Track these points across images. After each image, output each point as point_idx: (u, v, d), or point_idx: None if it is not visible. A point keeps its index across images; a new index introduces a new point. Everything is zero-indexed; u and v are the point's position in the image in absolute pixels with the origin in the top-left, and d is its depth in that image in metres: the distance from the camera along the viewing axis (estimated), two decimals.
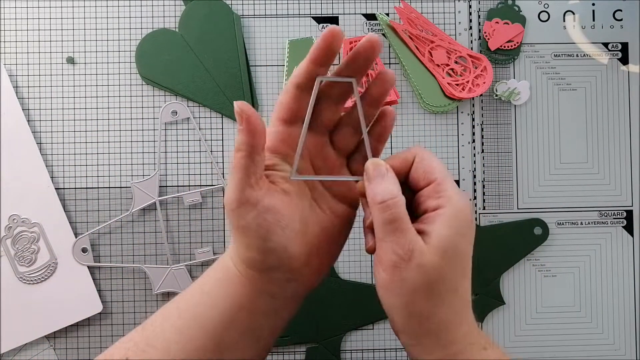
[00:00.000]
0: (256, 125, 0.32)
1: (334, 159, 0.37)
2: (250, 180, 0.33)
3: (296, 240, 0.34)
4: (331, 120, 0.37)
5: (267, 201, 0.33)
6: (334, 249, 0.37)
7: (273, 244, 0.33)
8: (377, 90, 0.36)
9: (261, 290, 0.35)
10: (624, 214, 0.60)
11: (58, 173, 0.57)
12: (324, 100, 0.36)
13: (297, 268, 0.34)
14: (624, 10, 0.60)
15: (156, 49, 0.58)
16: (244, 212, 0.33)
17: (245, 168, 0.32)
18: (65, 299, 0.56)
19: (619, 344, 0.59)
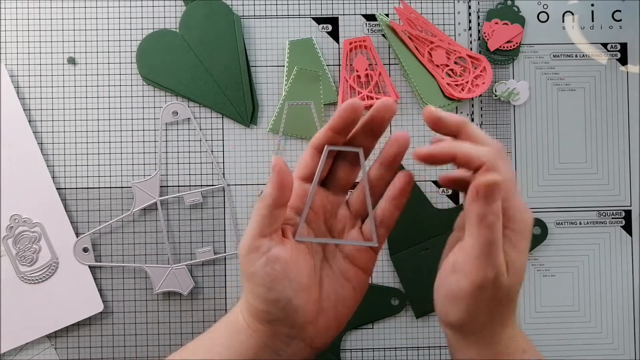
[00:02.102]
0: (285, 181, 0.33)
1: (348, 220, 0.37)
2: (265, 231, 0.34)
3: (302, 295, 0.34)
4: (347, 181, 0.37)
5: (277, 252, 0.34)
6: (343, 312, 0.37)
7: (277, 294, 0.33)
8: (390, 151, 0.36)
9: (266, 344, 0.35)
10: (622, 213, 0.60)
11: (59, 173, 0.58)
12: (340, 162, 0.37)
13: (302, 324, 0.35)
14: (623, 11, 0.61)
15: (157, 49, 0.58)
16: (253, 259, 0.34)
17: (263, 218, 0.33)
18: (66, 298, 0.56)
19: (617, 343, 0.60)
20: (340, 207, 0.38)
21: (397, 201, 0.36)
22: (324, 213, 0.37)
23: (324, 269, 0.37)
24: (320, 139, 0.35)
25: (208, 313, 0.58)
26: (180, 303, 0.58)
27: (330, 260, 0.37)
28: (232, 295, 0.58)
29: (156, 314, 0.58)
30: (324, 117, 0.59)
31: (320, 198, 0.37)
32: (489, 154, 0.33)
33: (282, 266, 0.33)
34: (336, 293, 0.36)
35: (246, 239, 0.34)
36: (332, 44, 0.59)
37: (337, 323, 0.36)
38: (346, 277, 0.37)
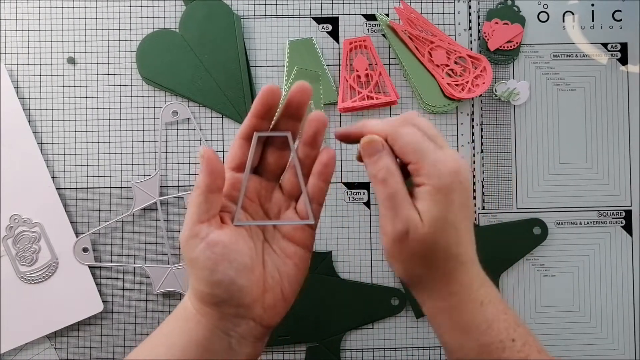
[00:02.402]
0: (215, 168, 0.35)
1: (282, 202, 0.39)
2: (201, 217, 0.35)
3: (244, 275, 0.35)
4: (278, 166, 0.39)
5: (215, 236, 0.35)
6: (289, 289, 0.38)
7: (220, 275, 0.35)
8: (310, 131, 0.37)
9: (215, 326, 0.36)
10: (622, 213, 0.60)
11: (59, 173, 0.58)
12: (269, 148, 0.39)
13: (248, 304, 0.36)
14: (623, 11, 0.61)
15: (157, 49, 0.58)
16: (193, 245, 0.35)
17: (198, 205, 0.35)
18: (66, 298, 0.56)
19: (617, 343, 0.60)
20: (274, 191, 0.40)
21: (324, 176, 0.38)
22: (259, 198, 0.39)
23: (265, 249, 0.38)
24: (246, 127, 0.37)
25: None
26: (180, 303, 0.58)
27: (271, 241, 0.39)
28: None
29: (156, 314, 0.58)
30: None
31: (254, 184, 0.39)
32: (388, 124, 0.36)
33: (222, 249, 0.35)
34: (279, 271, 0.38)
35: (185, 227, 0.35)
36: (332, 43, 0.59)
37: (284, 300, 0.38)
38: (287, 254, 0.38)
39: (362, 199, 0.59)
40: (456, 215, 0.35)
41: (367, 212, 0.59)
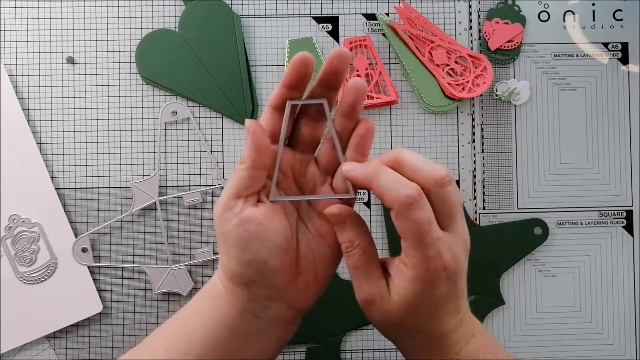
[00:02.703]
0: (261, 142, 0.33)
1: (317, 177, 0.37)
2: (241, 192, 0.34)
3: (277, 255, 0.34)
4: (312, 138, 0.37)
5: (250, 212, 0.33)
6: (322, 272, 0.36)
7: (251, 255, 0.33)
8: (348, 100, 0.35)
9: (245, 308, 0.35)
10: (623, 213, 0.60)
11: (58, 173, 0.57)
12: (303, 119, 0.36)
13: (280, 286, 0.34)
14: (624, 10, 0.60)
15: (156, 49, 0.58)
16: (226, 219, 0.33)
17: (241, 179, 0.33)
18: (65, 299, 0.56)
19: (618, 343, 0.59)
20: (309, 165, 0.37)
21: (362, 148, 0.36)
22: (293, 173, 0.37)
23: (299, 228, 0.36)
24: (276, 97, 0.35)
25: None
26: (179, 304, 0.58)
27: (305, 219, 0.37)
28: None
29: (155, 314, 0.57)
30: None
31: (287, 158, 0.37)
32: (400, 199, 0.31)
33: (255, 227, 0.33)
34: (313, 252, 0.36)
35: (221, 199, 0.34)
36: (332, 43, 0.59)
37: (317, 283, 0.36)
38: (321, 234, 0.36)
39: (362, 199, 0.59)
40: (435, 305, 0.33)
41: (368, 212, 0.59)
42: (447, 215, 0.33)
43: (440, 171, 0.32)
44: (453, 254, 0.33)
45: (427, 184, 0.32)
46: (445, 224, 0.33)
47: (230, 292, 0.35)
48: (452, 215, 0.33)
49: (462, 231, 0.34)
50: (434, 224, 0.32)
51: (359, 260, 0.34)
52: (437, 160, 0.59)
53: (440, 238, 0.32)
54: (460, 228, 0.34)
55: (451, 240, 0.33)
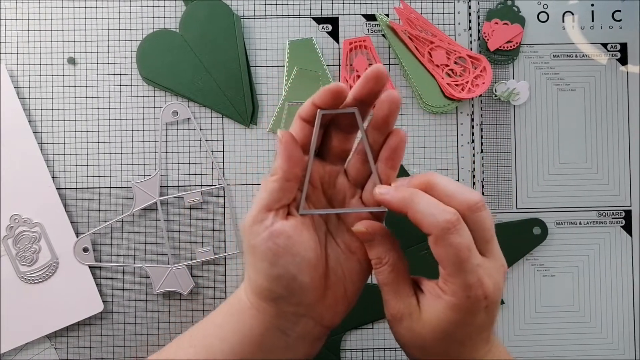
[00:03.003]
0: (293, 153, 0.32)
1: (347, 189, 0.36)
2: (272, 205, 0.33)
3: (307, 271, 0.33)
4: (342, 150, 0.36)
5: (280, 226, 0.32)
6: (352, 287, 0.36)
7: (280, 270, 0.32)
8: (382, 113, 0.34)
9: (271, 324, 0.34)
10: (622, 213, 0.60)
11: (59, 173, 0.58)
12: (333, 130, 0.35)
13: (309, 302, 0.33)
14: (623, 11, 0.61)
15: (157, 49, 0.58)
16: (256, 232, 0.32)
17: (272, 192, 0.33)
18: (66, 298, 0.56)
19: (617, 343, 0.60)
20: (338, 176, 0.36)
21: (392, 161, 0.35)
22: (322, 184, 0.36)
23: (328, 242, 0.35)
24: (306, 110, 0.34)
25: (208, 313, 0.58)
26: (180, 303, 0.58)
27: (334, 234, 0.36)
28: None
29: (156, 314, 0.58)
30: None
31: (317, 169, 0.35)
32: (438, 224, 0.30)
33: (285, 241, 0.32)
34: (342, 267, 0.35)
35: (252, 211, 0.33)
36: (332, 44, 0.59)
37: (346, 299, 0.35)
38: (351, 249, 0.35)
39: None
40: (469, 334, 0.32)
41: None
42: (483, 240, 0.32)
43: (474, 196, 0.31)
44: (494, 282, 0.31)
45: (461, 209, 0.31)
46: (482, 250, 0.32)
47: (256, 307, 0.34)
48: (488, 241, 0.32)
49: (499, 256, 0.33)
50: (474, 249, 0.31)
51: (387, 276, 0.33)
52: (437, 160, 0.59)
53: (481, 265, 0.31)
54: (497, 253, 0.33)
55: (491, 267, 0.32)
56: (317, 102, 0.33)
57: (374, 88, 0.33)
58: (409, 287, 0.34)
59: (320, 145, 0.36)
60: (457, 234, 0.30)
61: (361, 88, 0.33)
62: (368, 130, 0.35)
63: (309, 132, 0.34)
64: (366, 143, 0.34)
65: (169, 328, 0.58)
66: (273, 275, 0.32)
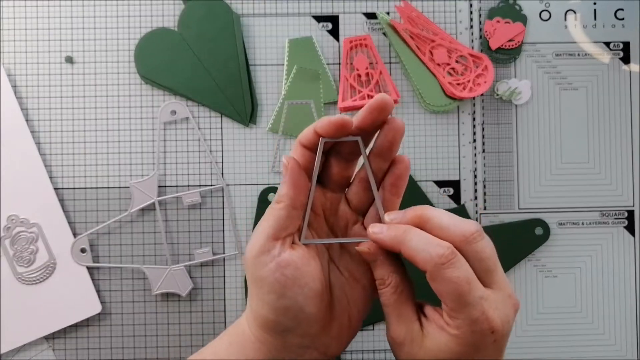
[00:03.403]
0: (299, 181, 0.32)
1: (349, 216, 0.36)
2: (279, 233, 0.32)
3: (314, 302, 0.32)
4: (344, 177, 0.35)
5: (288, 256, 0.32)
6: (356, 316, 0.35)
7: (288, 301, 0.31)
8: (385, 140, 0.33)
9: (276, 357, 0.33)
10: (625, 214, 0.59)
11: (57, 173, 0.57)
12: (334, 158, 0.35)
13: (314, 333, 0.33)
14: (626, 10, 0.60)
15: (155, 48, 0.58)
16: (263, 263, 0.31)
17: (279, 220, 0.32)
18: (64, 299, 0.56)
19: (619, 344, 0.59)
20: (339, 204, 0.36)
21: (397, 188, 0.34)
22: (324, 212, 0.36)
23: (331, 271, 0.35)
24: (307, 137, 0.33)
25: (207, 314, 0.57)
26: (178, 304, 0.57)
27: (337, 262, 0.35)
28: (231, 297, 0.58)
29: (154, 315, 0.57)
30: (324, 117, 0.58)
31: (318, 197, 0.35)
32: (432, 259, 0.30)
33: (293, 272, 0.31)
34: (347, 295, 0.35)
35: (257, 240, 0.32)
36: (332, 42, 0.59)
37: (350, 327, 0.35)
38: (355, 277, 0.35)
39: None
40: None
41: None
42: (485, 271, 0.31)
43: (469, 226, 0.31)
44: (501, 314, 0.30)
45: (457, 241, 0.30)
46: (486, 281, 0.31)
47: (260, 339, 0.33)
48: (490, 271, 0.31)
49: (505, 286, 0.32)
50: (475, 282, 0.30)
51: (390, 298, 0.33)
52: (438, 160, 0.59)
53: (484, 297, 0.30)
54: (503, 282, 0.32)
55: (497, 298, 0.31)
56: (320, 131, 0.33)
57: (378, 118, 0.32)
58: (413, 311, 0.33)
59: (320, 172, 0.35)
60: (454, 267, 0.29)
61: (364, 118, 0.32)
62: (370, 158, 0.34)
63: (310, 158, 0.34)
64: (370, 172, 0.34)
65: (167, 329, 0.57)
66: (280, 307, 0.32)
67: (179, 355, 0.57)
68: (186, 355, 0.57)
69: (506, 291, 0.31)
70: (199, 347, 0.57)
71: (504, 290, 0.31)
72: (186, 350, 0.57)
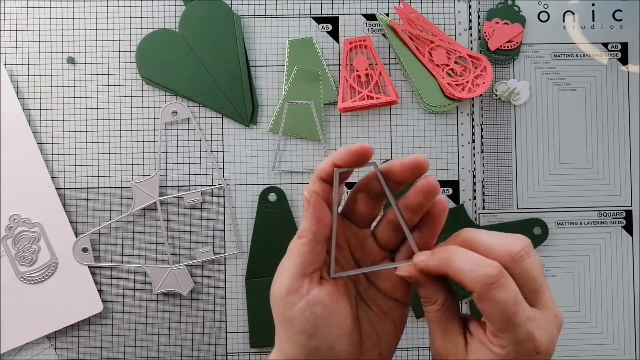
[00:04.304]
0: (322, 216, 0.31)
1: (376, 252, 0.35)
2: (306, 270, 0.31)
3: (344, 340, 0.31)
4: (369, 215, 0.35)
5: (317, 294, 0.31)
6: (387, 349, 0.34)
7: (319, 341, 0.31)
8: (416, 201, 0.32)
9: None
10: (623, 213, 0.60)
11: (59, 173, 0.57)
12: (361, 195, 0.34)
13: None
14: (624, 11, 0.60)
15: (156, 49, 0.58)
16: (292, 302, 0.31)
17: (304, 255, 0.31)
18: (66, 298, 0.56)
19: (618, 343, 0.60)
20: (365, 239, 0.35)
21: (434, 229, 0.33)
22: (349, 246, 0.35)
23: (360, 307, 0.34)
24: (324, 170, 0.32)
25: (208, 313, 0.58)
26: (179, 303, 0.58)
27: (365, 297, 0.34)
28: (231, 296, 0.58)
29: (156, 314, 0.58)
30: (324, 117, 0.59)
31: (342, 230, 0.34)
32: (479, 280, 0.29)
33: (323, 310, 0.31)
34: (376, 331, 0.34)
35: (285, 279, 0.31)
36: (332, 43, 0.59)
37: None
38: (384, 311, 0.34)
39: None
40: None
41: None
42: (532, 290, 0.30)
43: (515, 245, 0.29)
44: (546, 334, 0.30)
45: (504, 261, 0.29)
46: (532, 300, 0.30)
47: None
48: (537, 290, 0.30)
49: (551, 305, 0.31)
50: (522, 302, 0.29)
51: (435, 315, 0.32)
52: (437, 160, 0.59)
53: (531, 317, 0.29)
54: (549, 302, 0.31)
55: (543, 318, 0.30)
56: (339, 162, 0.32)
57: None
58: (458, 326, 0.32)
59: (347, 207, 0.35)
60: (502, 288, 0.29)
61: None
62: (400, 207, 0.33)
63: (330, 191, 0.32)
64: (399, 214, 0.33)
65: (168, 328, 0.57)
66: (311, 347, 0.31)
67: (180, 354, 0.57)
68: (187, 354, 0.57)
69: (552, 310, 0.31)
70: (200, 345, 0.57)
71: (550, 309, 0.31)
72: (187, 349, 0.58)
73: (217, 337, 0.58)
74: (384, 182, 0.32)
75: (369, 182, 0.33)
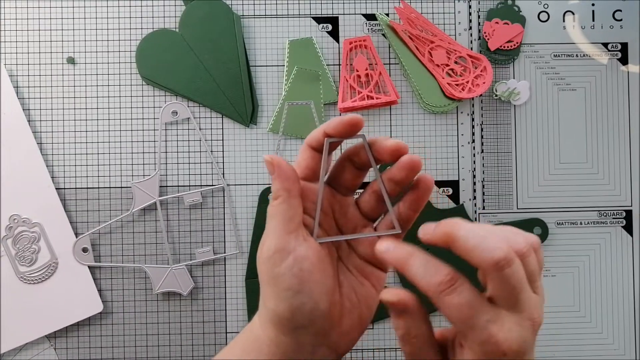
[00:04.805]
0: (288, 171, 0.32)
1: (358, 220, 0.36)
2: (288, 226, 0.32)
3: (327, 298, 0.32)
4: (353, 183, 0.36)
5: (304, 250, 0.32)
6: (367, 313, 0.35)
7: (304, 297, 0.31)
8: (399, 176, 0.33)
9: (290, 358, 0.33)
10: (623, 213, 0.60)
11: (59, 173, 0.58)
12: (347, 164, 0.35)
13: (326, 330, 0.33)
14: (624, 11, 0.60)
15: (156, 49, 0.58)
16: (279, 259, 0.32)
17: (283, 213, 0.32)
18: (66, 298, 0.56)
19: (618, 343, 0.60)
20: (349, 206, 0.36)
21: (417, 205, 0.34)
22: (333, 213, 0.36)
23: (340, 270, 0.35)
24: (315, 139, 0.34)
25: (208, 313, 0.58)
26: (179, 303, 0.58)
27: (345, 261, 0.36)
28: (231, 296, 0.58)
29: (156, 314, 0.58)
30: (324, 117, 0.59)
31: (327, 197, 0.35)
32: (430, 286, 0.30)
33: (310, 266, 0.32)
34: (356, 293, 0.35)
35: (270, 239, 0.32)
36: (332, 43, 0.59)
37: (360, 324, 0.35)
38: (364, 275, 0.35)
39: None
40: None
41: None
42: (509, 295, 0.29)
43: (498, 252, 0.28)
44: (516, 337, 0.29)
45: (484, 266, 0.29)
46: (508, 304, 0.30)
47: (275, 342, 0.33)
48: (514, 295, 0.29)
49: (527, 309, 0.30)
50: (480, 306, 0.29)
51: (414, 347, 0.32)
52: (437, 160, 0.59)
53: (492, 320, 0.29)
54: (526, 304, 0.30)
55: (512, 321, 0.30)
56: (331, 132, 0.33)
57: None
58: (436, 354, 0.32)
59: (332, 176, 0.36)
60: (454, 294, 0.29)
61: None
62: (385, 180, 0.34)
63: (318, 159, 0.34)
64: (383, 188, 0.34)
65: (168, 328, 0.57)
66: (296, 303, 0.32)
67: (180, 354, 0.57)
68: (187, 354, 0.58)
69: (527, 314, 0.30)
70: (200, 345, 0.57)
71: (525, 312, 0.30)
72: (187, 349, 0.58)
73: (217, 337, 0.58)
74: (371, 154, 0.34)
75: (357, 153, 0.34)
